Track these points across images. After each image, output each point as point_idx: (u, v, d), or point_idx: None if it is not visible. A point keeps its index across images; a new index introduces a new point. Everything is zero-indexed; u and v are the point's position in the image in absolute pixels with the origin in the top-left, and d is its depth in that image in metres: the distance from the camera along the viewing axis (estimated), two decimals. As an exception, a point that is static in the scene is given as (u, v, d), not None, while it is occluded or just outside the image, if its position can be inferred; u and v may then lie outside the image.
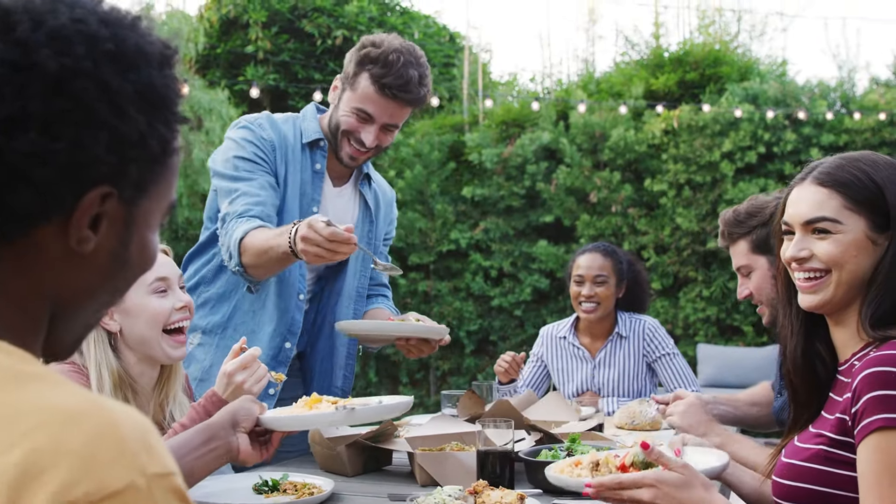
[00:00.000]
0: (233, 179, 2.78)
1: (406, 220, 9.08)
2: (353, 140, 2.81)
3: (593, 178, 8.72)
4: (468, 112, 9.82)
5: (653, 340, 3.94)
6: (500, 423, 2.38)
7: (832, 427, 1.71)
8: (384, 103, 2.77)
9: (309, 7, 9.77)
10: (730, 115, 8.48)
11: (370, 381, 9.22)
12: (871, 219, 1.77)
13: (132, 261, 0.94)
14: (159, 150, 0.89)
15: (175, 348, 2.29)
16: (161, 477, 0.74)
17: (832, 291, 1.79)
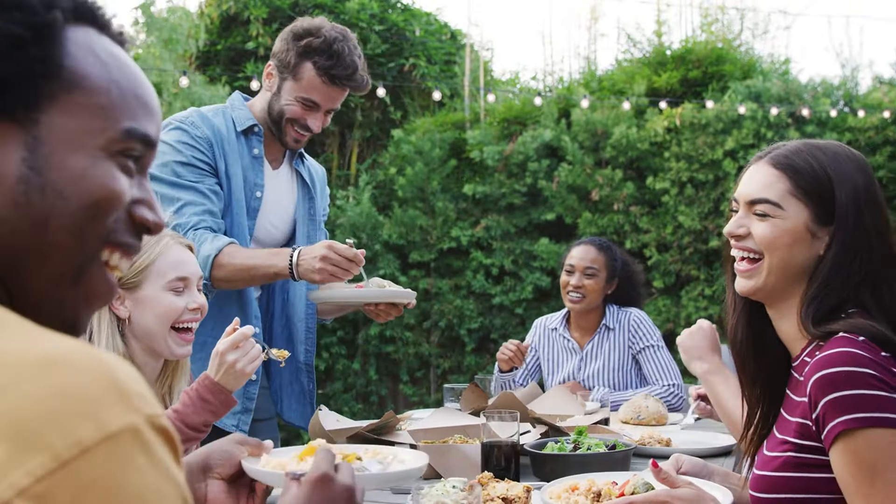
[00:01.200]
0: (175, 187, 2.80)
1: (407, 217, 9.04)
2: (297, 126, 2.91)
3: (595, 175, 8.68)
4: (469, 109, 9.78)
5: (637, 331, 3.95)
6: (506, 416, 2.35)
7: (795, 432, 1.68)
8: (330, 91, 2.88)
9: (310, 3, 9.72)
10: (733, 113, 8.44)
11: (370, 379, 9.17)
12: (815, 211, 1.73)
13: (60, 189, 0.85)
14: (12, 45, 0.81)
15: (180, 346, 2.27)
16: (154, 417, 0.74)
17: (763, 279, 1.76)
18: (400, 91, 10.02)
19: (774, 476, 1.70)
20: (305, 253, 2.74)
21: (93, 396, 0.70)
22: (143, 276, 2.24)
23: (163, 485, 0.72)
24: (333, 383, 9.19)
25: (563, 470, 2.30)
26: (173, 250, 2.29)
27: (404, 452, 1.95)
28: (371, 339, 9.10)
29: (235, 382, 2.14)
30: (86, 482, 0.67)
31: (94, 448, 0.68)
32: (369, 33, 9.74)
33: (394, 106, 9.92)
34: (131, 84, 0.91)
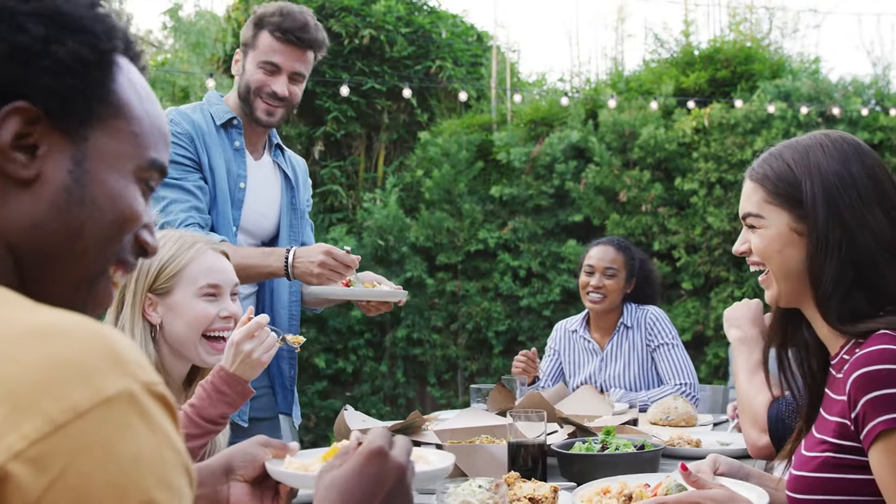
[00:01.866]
0: (160, 186, 2.78)
1: (434, 219, 9.03)
2: (265, 96, 2.95)
3: (623, 177, 8.63)
4: (496, 111, 9.75)
5: (653, 328, 3.92)
6: (532, 415, 2.32)
7: (833, 432, 1.64)
8: (287, 50, 2.93)
9: (336, 7, 9.74)
10: (762, 113, 8.36)
11: (398, 382, 9.17)
12: (793, 211, 1.74)
13: (97, 203, 0.93)
14: (77, 66, 0.90)
15: (211, 354, 2.25)
16: (152, 384, 0.75)
17: (776, 287, 1.79)
18: (426, 93, 10.01)
19: (812, 476, 1.67)
20: (301, 256, 2.79)
21: (88, 363, 0.72)
22: (174, 281, 2.22)
23: (162, 450, 0.74)
24: (361, 386, 9.20)
25: (591, 470, 2.28)
26: (206, 256, 2.27)
27: (431, 453, 1.94)
28: (398, 341, 9.10)
29: (252, 372, 2.12)
30: (81, 445, 0.69)
31: (88, 412, 0.70)
32: (396, 36, 9.74)
33: (420, 108, 9.92)
34: (156, 117, 1.00)
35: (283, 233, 3.12)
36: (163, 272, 2.21)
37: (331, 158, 9.88)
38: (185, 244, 2.26)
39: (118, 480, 0.70)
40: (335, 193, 9.68)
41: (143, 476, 0.71)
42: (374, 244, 9.06)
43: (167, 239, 2.27)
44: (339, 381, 9.28)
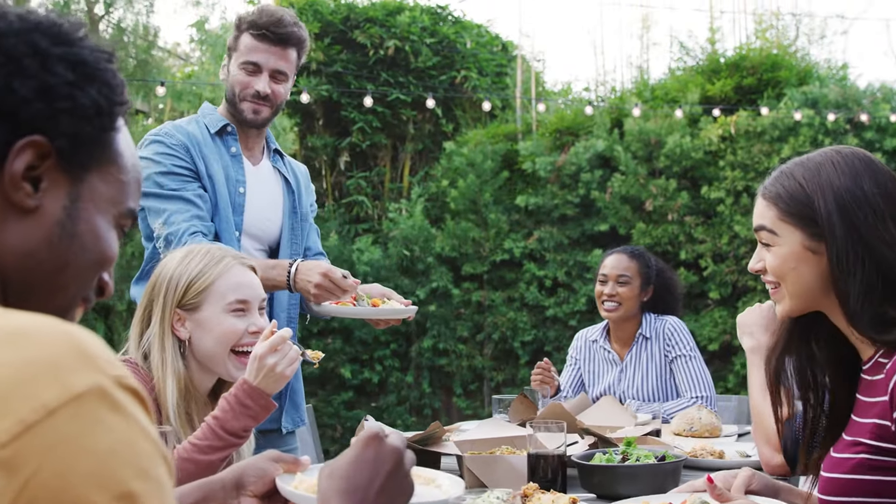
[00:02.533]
0: (159, 198, 2.86)
1: (459, 229, 9.03)
2: (249, 96, 2.98)
3: (649, 185, 8.59)
4: (521, 121, 9.75)
5: (671, 339, 3.88)
6: (552, 426, 2.31)
7: (871, 433, 1.62)
8: (266, 48, 2.97)
9: (361, 18, 9.79)
10: (789, 121, 8.30)
11: (424, 392, 9.17)
12: (806, 230, 1.74)
13: (83, 241, 0.98)
14: (93, 113, 0.96)
15: (239, 369, 2.23)
16: (121, 378, 0.77)
17: (788, 302, 1.79)
18: (451, 103, 10.03)
19: (846, 479, 1.65)
20: (303, 273, 2.81)
21: (56, 363, 0.73)
22: (202, 297, 2.22)
23: (138, 441, 0.75)
24: (387, 396, 9.20)
25: (611, 482, 2.26)
26: (234, 271, 2.26)
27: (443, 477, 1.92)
28: (424, 351, 9.10)
29: (275, 386, 2.11)
30: (52, 442, 0.70)
31: (58, 410, 0.71)
32: (420, 46, 9.77)
33: (445, 118, 9.93)
34: (138, 171, 1.08)
35: (284, 237, 3.14)
36: (191, 287, 2.21)
37: (356, 169, 9.91)
38: (214, 259, 2.25)
39: (95, 474, 0.71)
40: (361, 204, 9.71)
41: (119, 468, 0.72)
42: (400, 254, 9.07)
43: (195, 254, 2.27)
44: (364, 391, 9.29)
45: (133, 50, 8.95)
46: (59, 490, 0.69)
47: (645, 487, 2.21)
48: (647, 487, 2.21)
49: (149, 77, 8.73)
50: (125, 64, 8.72)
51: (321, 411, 8.97)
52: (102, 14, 8.93)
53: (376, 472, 1.23)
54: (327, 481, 1.23)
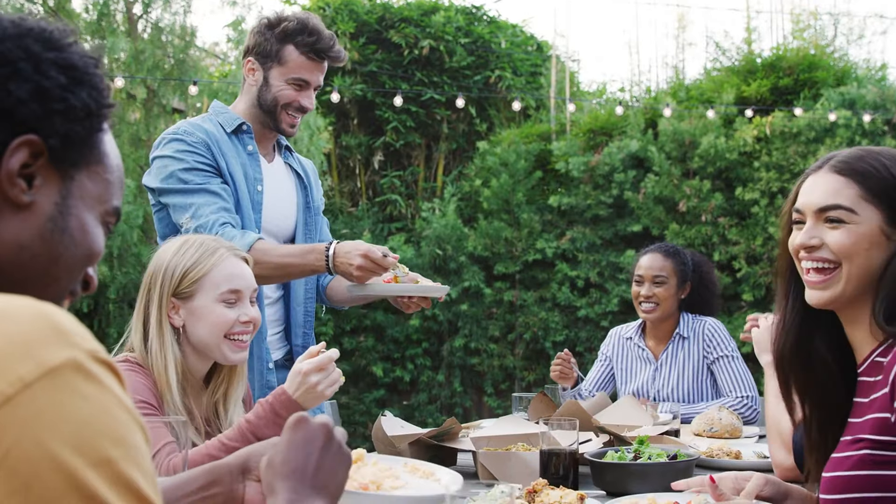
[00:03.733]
0: (185, 193, 2.89)
1: (492, 229, 9.04)
2: (291, 110, 3.02)
3: (682, 186, 8.53)
4: (555, 121, 9.73)
5: (711, 340, 3.85)
6: (565, 424, 2.32)
7: (871, 428, 1.61)
8: (315, 67, 3.02)
9: (396, 18, 9.83)
10: (825, 122, 8.21)
11: (455, 391, 9.18)
12: (887, 212, 1.70)
13: (73, 236, 1.04)
14: (83, 114, 1.02)
15: (235, 352, 2.32)
16: (95, 351, 0.81)
17: (842, 287, 1.71)
18: (485, 103, 10.04)
19: (848, 475, 1.64)
20: (342, 255, 2.82)
21: (32, 339, 0.77)
22: (196, 287, 2.30)
23: (113, 410, 0.79)
24: (418, 395, 9.23)
25: (623, 479, 2.26)
26: (227, 262, 2.33)
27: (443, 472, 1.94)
28: (456, 351, 9.11)
29: (313, 402, 2.17)
30: (31, 413, 0.74)
31: (35, 382, 0.75)
32: (455, 46, 9.79)
33: (479, 118, 9.94)
34: (121, 170, 1.13)
35: (298, 232, 3.19)
36: (186, 277, 2.29)
37: (390, 168, 9.96)
38: (208, 250, 2.32)
39: (73, 442, 0.75)
40: (394, 203, 9.75)
41: (96, 435, 0.76)
42: (433, 253, 9.10)
43: (190, 245, 2.34)
44: (396, 389, 9.33)
45: (171, 49, 9.04)
46: (39, 458, 0.73)
47: (656, 485, 2.21)
48: (659, 485, 2.21)
49: (185, 76, 8.83)
50: (163, 63, 8.83)
51: (353, 409, 9.02)
52: (141, 14, 9.04)
53: (309, 450, 1.31)
54: (267, 471, 1.31)
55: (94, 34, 8.87)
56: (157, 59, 8.76)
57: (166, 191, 2.91)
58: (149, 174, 2.98)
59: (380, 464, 2.01)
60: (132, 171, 8.76)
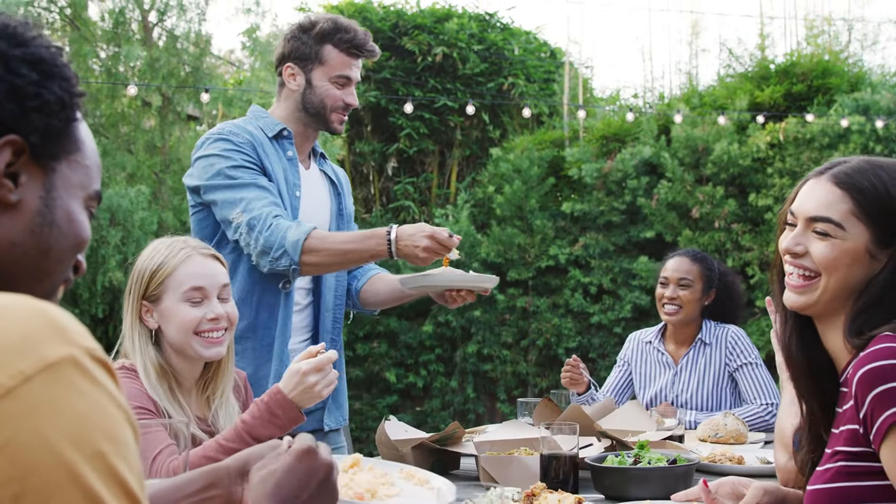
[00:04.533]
0: (234, 188, 2.90)
1: (505, 235, 9.05)
2: (339, 108, 3.06)
3: (696, 192, 8.52)
4: (568, 127, 9.74)
5: (735, 348, 3.83)
6: (565, 428, 2.33)
7: (845, 440, 1.61)
8: (354, 62, 3.07)
9: (409, 25, 9.87)
10: (839, 128, 8.18)
11: (468, 397, 9.19)
12: (877, 233, 1.68)
13: (61, 227, 1.06)
14: (58, 107, 1.03)
15: (206, 347, 2.33)
16: (92, 350, 0.83)
17: (818, 296, 1.72)
18: (499, 110, 10.06)
19: (828, 488, 1.64)
20: (405, 238, 2.84)
21: (32, 335, 0.80)
22: (162, 288, 2.33)
23: (107, 406, 0.81)
24: (431, 401, 9.24)
25: (623, 484, 2.27)
26: (192, 261, 2.35)
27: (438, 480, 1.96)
28: (469, 357, 9.12)
29: (309, 402, 2.18)
30: (31, 405, 0.77)
31: (35, 376, 0.78)
32: (468, 53, 9.82)
33: (492, 124, 9.97)
34: (96, 154, 1.15)
35: None
36: (153, 280, 2.33)
37: (404, 175, 9.99)
38: (174, 251, 2.35)
39: (69, 434, 0.77)
40: (408, 209, 9.78)
41: (91, 430, 0.79)
42: (445, 260, 9.11)
43: (160, 247, 2.37)
44: (409, 395, 9.34)
45: (186, 57, 9.11)
46: (37, 448, 0.76)
47: (656, 490, 2.22)
48: (658, 490, 2.22)
49: (200, 84, 8.89)
50: (177, 71, 8.89)
51: (366, 414, 9.04)
52: (156, 22, 9.12)
53: (307, 483, 1.35)
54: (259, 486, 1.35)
55: (111, 42, 8.95)
56: (171, 66, 8.83)
57: (213, 188, 2.91)
58: (190, 175, 2.99)
59: (375, 469, 2.02)
60: (147, 177, 8.83)
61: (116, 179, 8.53)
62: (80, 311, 8.41)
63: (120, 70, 8.86)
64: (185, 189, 9.57)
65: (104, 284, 8.16)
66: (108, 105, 8.91)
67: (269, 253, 2.82)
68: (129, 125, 9.08)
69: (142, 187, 8.31)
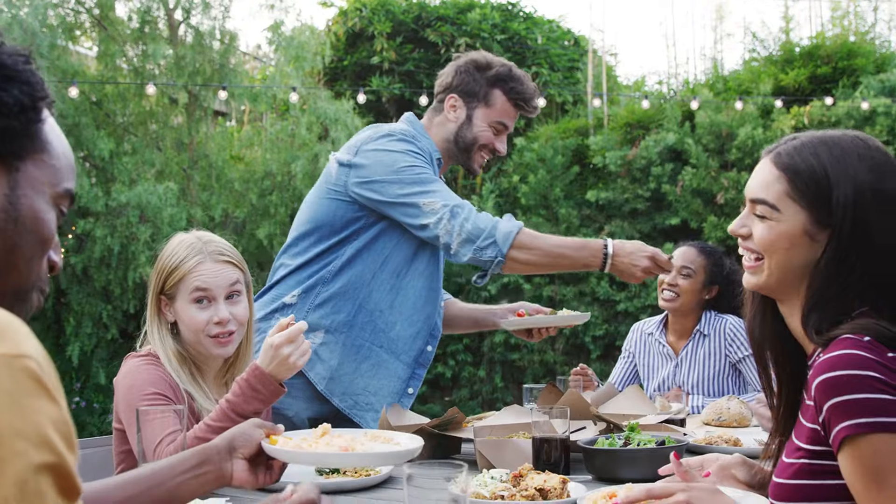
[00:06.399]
0: (424, 182, 2.91)
1: (530, 224, 9.04)
2: (486, 151, 3.12)
3: (720, 178, 8.49)
4: (592, 115, 9.74)
5: (734, 340, 3.83)
6: (555, 412, 2.38)
7: (807, 438, 1.60)
8: (516, 114, 3.12)
9: (432, 16, 9.91)
10: (865, 110, 8.10)
11: (496, 386, 9.25)
12: (813, 214, 1.64)
13: (25, 224, 1.09)
14: (17, 110, 1.07)
15: (216, 347, 2.45)
16: (12, 357, 0.85)
17: (765, 278, 1.71)
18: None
19: (791, 484, 1.63)
20: (623, 255, 2.89)
21: None
22: (175, 289, 2.46)
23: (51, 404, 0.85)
24: (460, 390, 9.30)
25: (613, 465, 2.31)
26: (203, 265, 2.46)
27: (403, 437, 2.06)
28: (496, 346, 9.17)
29: (286, 373, 2.26)
30: None
31: None
32: (491, 43, 9.84)
33: (517, 114, 9.97)
34: (69, 155, 1.19)
35: None
36: (169, 278, 2.45)
37: (429, 166, 10.04)
38: (192, 253, 2.46)
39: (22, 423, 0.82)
40: (433, 200, 9.82)
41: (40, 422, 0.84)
42: (471, 250, 9.15)
43: (180, 246, 2.47)
44: (438, 385, 9.41)
45: (213, 54, 9.22)
46: None
47: (645, 471, 2.25)
48: (648, 471, 2.25)
49: (226, 81, 9.00)
50: (203, 68, 9.00)
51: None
52: (181, 19, 9.23)
53: None
54: None
55: (138, 41, 9.08)
56: (197, 63, 8.94)
57: (397, 181, 2.90)
58: (378, 166, 2.93)
59: (344, 436, 2.11)
60: (176, 173, 8.96)
61: (145, 177, 8.66)
62: (112, 307, 8.57)
63: (147, 68, 8.99)
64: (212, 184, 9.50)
65: (135, 280, 8.32)
66: (136, 104, 9.05)
67: (474, 241, 2.85)
68: (158, 123, 9.22)
69: (170, 184, 8.44)
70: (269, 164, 9.02)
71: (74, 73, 8.55)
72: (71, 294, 8.59)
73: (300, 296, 2.98)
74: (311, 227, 3.03)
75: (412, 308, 3.09)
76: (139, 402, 2.26)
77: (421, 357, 3.17)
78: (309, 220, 3.05)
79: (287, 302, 2.98)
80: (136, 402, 2.27)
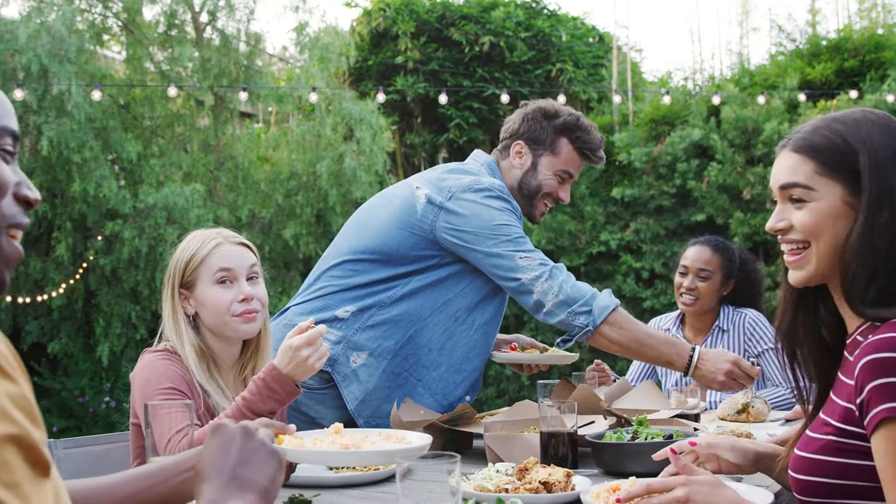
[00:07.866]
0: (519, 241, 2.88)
1: (556, 222, 9.06)
2: (549, 199, 3.10)
3: (746, 174, 8.44)
4: (617, 112, 9.70)
5: (754, 334, 3.80)
6: (563, 406, 2.38)
7: (839, 416, 1.60)
8: (581, 163, 3.10)
9: (456, 15, 9.92)
10: (891, 103, 8.02)
11: (523, 384, 9.24)
12: (847, 184, 1.64)
13: None
14: None
15: (242, 324, 2.44)
16: None
17: (815, 266, 1.68)
18: (548, 97, 10.04)
19: (814, 458, 1.64)
20: (707, 360, 2.88)
21: None
22: (195, 275, 2.46)
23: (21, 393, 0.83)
24: (486, 389, 9.31)
25: (620, 459, 2.31)
26: (223, 247, 2.47)
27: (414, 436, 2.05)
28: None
29: (303, 375, 2.27)
30: None
31: None
32: (515, 41, 9.83)
33: (542, 112, 9.97)
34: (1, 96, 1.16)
35: None
36: (188, 268, 2.46)
37: (454, 165, 10.06)
38: (207, 240, 2.48)
39: None
40: (459, 199, 9.84)
41: None
42: (496, 248, 9.17)
43: (193, 239, 2.49)
44: (464, 383, 9.42)
45: (239, 56, 9.30)
46: None
47: (652, 465, 2.25)
48: (655, 465, 2.25)
49: (252, 82, 9.06)
50: (228, 70, 9.08)
51: (421, 403, 9.16)
52: (207, 22, 9.31)
53: (227, 450, 1.38)
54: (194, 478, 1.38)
55: (164, 44, 9.18)
56: (223, 65, 9.02)
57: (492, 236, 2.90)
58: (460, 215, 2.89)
59: (356, 434, 2.11)
60: (203, 175, 9.04)
61: (173, 178, 8.75)
62: (140, 308, 8.67)
63: (175, 70, 9.08)
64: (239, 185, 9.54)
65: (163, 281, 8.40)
66: (163, 106, 9.14)
67: (570, 304, 2.86)
68: (185, 125, 9.31)
69: (197, 185, 8.52)
70: (294, 165, 9.08)
71: (102, 76, 8.65)
72: (100, 295, 8.69)
73: (354, 313, 2.94)
74: (381, 255, 2.98)
75: (462, 357, 3.08)
76: (155, 397, 2.29)
77: (457, 403, 3.10)
78: (379, 247, 2.99)
79: (339, 316, 2.94)
80: (151, 396, 2.30)
